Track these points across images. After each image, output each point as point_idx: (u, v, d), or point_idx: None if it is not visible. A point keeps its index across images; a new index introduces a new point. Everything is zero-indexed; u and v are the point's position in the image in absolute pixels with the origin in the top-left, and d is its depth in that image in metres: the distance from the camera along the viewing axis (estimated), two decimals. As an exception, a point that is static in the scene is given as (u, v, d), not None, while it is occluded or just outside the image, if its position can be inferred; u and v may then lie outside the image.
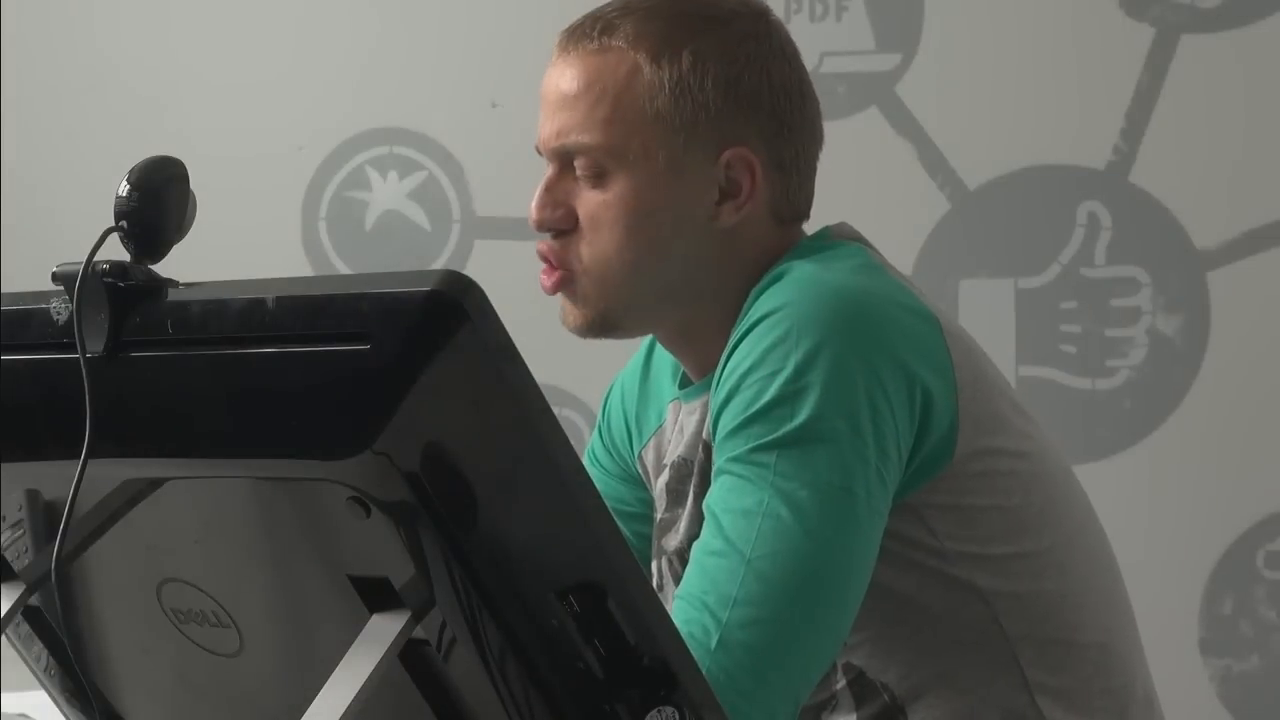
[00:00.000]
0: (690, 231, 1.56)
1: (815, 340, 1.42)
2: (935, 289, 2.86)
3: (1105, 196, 2.82)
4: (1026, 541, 1.52)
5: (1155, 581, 2.78)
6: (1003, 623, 1.50)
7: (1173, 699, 2.79)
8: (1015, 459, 1.52)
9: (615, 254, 1.55)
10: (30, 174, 3.22)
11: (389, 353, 0.92)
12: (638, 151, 1.54)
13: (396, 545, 0.97)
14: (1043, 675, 1.51)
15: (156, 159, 1.05)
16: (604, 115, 1.54)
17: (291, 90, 3.14)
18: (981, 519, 1.50)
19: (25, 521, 1.14)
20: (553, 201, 1.57)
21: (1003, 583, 1.50)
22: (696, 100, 1.55)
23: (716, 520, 1.40)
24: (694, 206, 1.56)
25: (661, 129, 1.54)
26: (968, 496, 1.49)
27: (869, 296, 1.49)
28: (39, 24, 3.24)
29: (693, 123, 1.55)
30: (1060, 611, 1.53)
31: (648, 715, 1.01)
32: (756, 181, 1.57)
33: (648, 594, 1.01)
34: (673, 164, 1.55)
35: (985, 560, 1.50)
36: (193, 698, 1.18)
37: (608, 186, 1.55)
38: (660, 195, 1.55)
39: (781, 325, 1.44)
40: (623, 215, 1.54)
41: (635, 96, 1.55)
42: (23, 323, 1.05)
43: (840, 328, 1.44)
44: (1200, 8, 2.78)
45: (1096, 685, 1.54)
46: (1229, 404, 2.77)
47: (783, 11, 2.91)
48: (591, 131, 1.54)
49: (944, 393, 1.47)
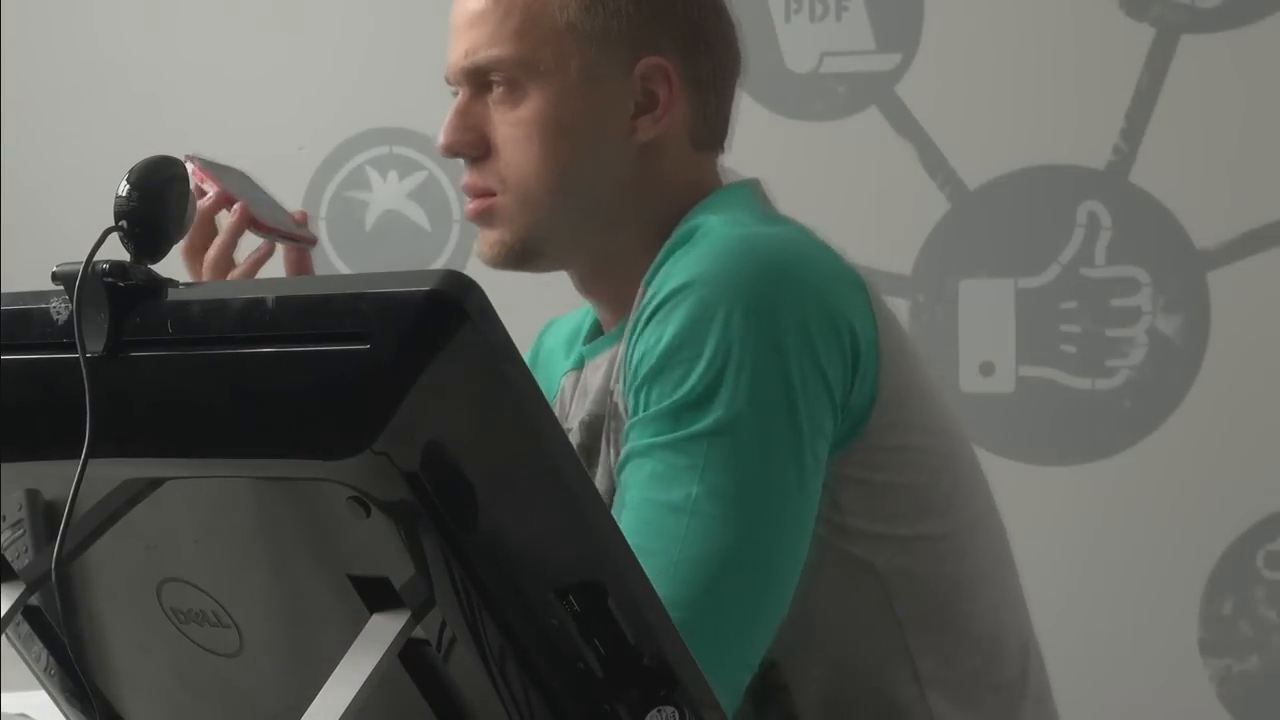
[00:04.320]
0: (607, 148, 1.53)
1: (739, 312, 1.38)
2: (935, 289, 2.86)
3: (1105, 196, 2.82)
4: (931, 523, 1.48)
5: (1155, 581, 2.79)
6: (896, 607, 1.46)
7: (1173, 699, 2.80)
8: (929, 436, 1.49)
9: (535, 173, 1.52)
10: (30, 174, 3.22)
11: (389, 353, 0.92)
12: (550, 63, 1.51)
13: (396, 545, 0.97)
14: (932, 665, 1.47)
15: (156, 159, 1.05)
16: (514, 27, 1.52)
17: (292, 90, 3.14)
18: (889, 496, 1.46)
19: (25, 521, 1.14)
20: (463, 125, 1.54)
21: (901, 564, 1.46)
22: (609, 8, 1.52)
23: (640, 512, 1.36)
24: (611, 120, 1.53)
25: (574, 39, 1.52)
26: (879, 472, 1.45)
27: (789, 249, 1.46)
28: (39, 24, 3.24)
29: (605, 32, 1.52)
30: (955, 600, 1.49)
31: (648, 715, 1.00)
32: (674, 94, 1.54)
33: (648, 594, 1.01)
34: (587, 75, 1.52)
35: (887, 540, 1.46)
36: (193, 698, 1.18)
37: (521, 103, 1.52)
38: (576, 108, 1.52)
39: (702, 298, 1.39)
40: (538, 131, 1.51)
41: (546, 6, 1.52)
42: (23, 323, 1.05)
43: (762, 292, 1.39)
44: (1200, 8, 2.78)
45: (986, 679, 1.51)
46: (1229, 404, 2.77)
47: (783, 11, 2.91)
48: (502, 44, 1.52)
49: (870, 351, 1.43)
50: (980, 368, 2.86)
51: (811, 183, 2.91)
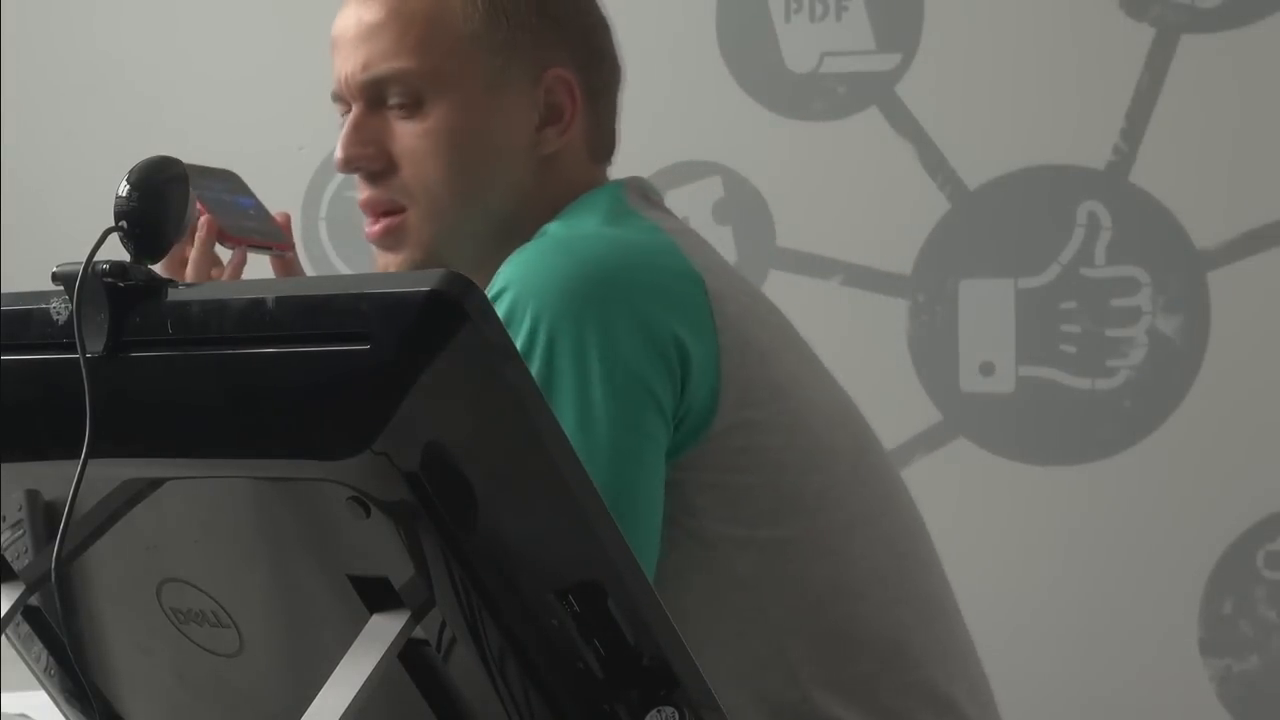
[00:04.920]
0: (512, 159, 1.51)
1: (545, 319, 1.35)
2: (935, 289, 2.86)
3: (1105, 196, 2.82)
4: (798, 524, 1.44)
5: (1155, 581, 2.78)
6: (769, 613, 1.43)
7: (1173, 699, 2.80)
8: (789, 434, 1.44)
9: (442, 184, 1.49)
10: (30, 174, 3.22)
11: (389, 353, 0.92)
12: (455, 74, 1.49)
13: (396, 545, 0.97)
14: (817, 669, 1.43)
15: (156, 159, 1.05)
16: (416, 38, 1.49)
17: (292, 90, 3.13)
18: (746, 498, 1.42)
19: (25, 521, 1.14)
20: (362, 139, 1.51)
21: (768, 567, 1.42)
22: (513, 20, 1.50)
23: None
24: (516, 131, 1.51)
25: (478, 49, 1.50)
26: (733, 474, 1.42)
27: (611, 252, 1.42)
28: (39, 24, 3.24)
29: (509, 42, 1.50)
30: (836, 603, 1.45)
31: (648, 715, 1.00)
32: (577, 105, 1.52)
33: (648, 594, 1.01)
34: (492, 86, 1.50)
35: (750, 543, 1.42)
36: (193, 698, 1.18)
37: (425, 115, 1.49)
38: (482, 119, 1.50)
39: (511, 302, 1.37)
40: (445, 142, 1.49)
41: (448, 17, 1.50)
42: (23, 323, 1.05)
43: (570, 299, 1.36)
44: (1200, 8, 2.78)
45: (884, 682, 1.46)
46: (1229, 404, 2.77)
47: (782, 11, 2.91)
48: (404, 57, 1.49)
49: (704, 350, 1.40)
50: (980, 368, 2.86)
51: (811, 183, 2.91)
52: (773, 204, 2.93)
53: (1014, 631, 2.76)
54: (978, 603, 1.85)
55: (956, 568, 1.71)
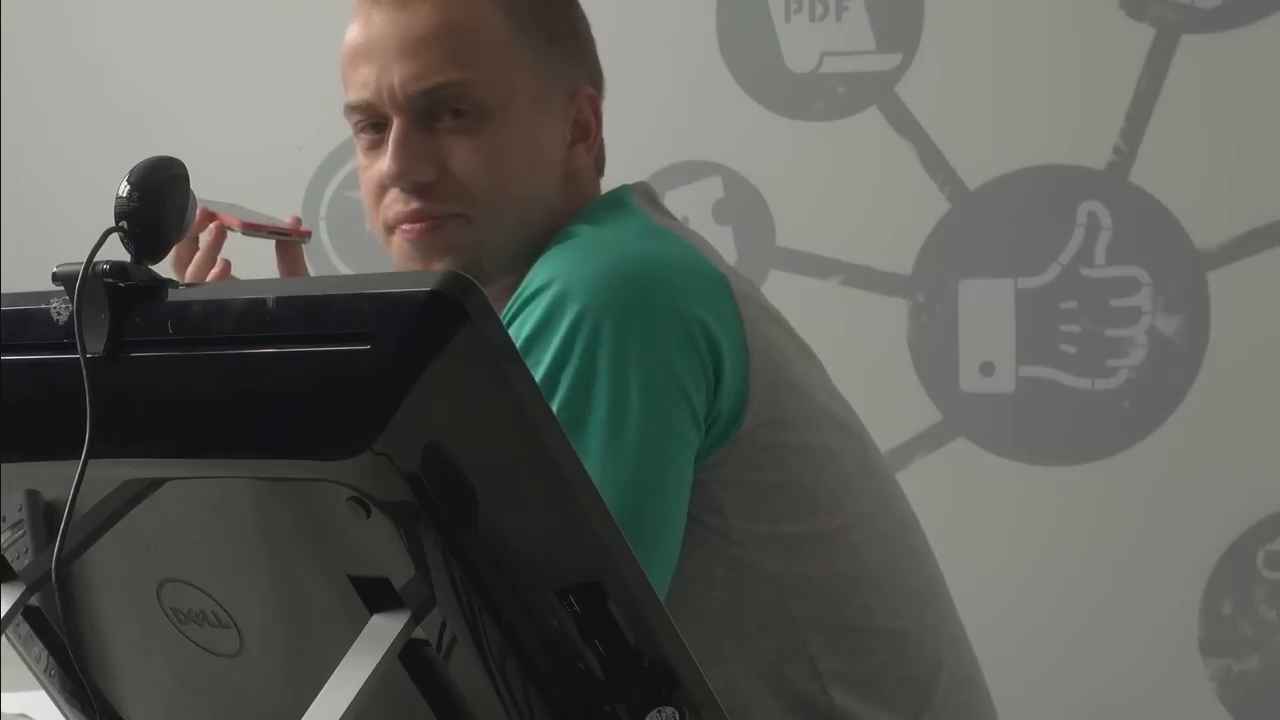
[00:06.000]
0: (550, 174, 1.54)
1: (589, 317, 1.37)
2: (935, 289, 2.86)
3: (1105, 196, 2.82)
4: (817, 521, 1.47)
5: (1155, 581, 2.79)
6: (790, 605, 1.46)
7: (1173, 699, 2.80)
8: (808, 433, 1.47)
9: (498, 197, 1.50)
10: (30, 174, 3.22)
11: (389, 353, 0.92)
12: (508, 89, 1.50)
13: (396, 545, 0.97)
14: (834, 662, 1.46)
15: (157, 159, 1.05)
16: (472, 52, 1.50)
17: (292, 90, 3.13)
18: (771, 496, 1.45)
19: (25, 521, 1.14)
20: (416, 153, 1.51)
21: (791, 563, 1.46)
22: (554, 38, 1.53)
23: None
24: (554, 147, 1.54)
25: (525, 66, 1.52)
26: (758, 471, 1.44)
27: (652, 257, 1.45)
28: (39, 24, 3.24)
29: (550, 60, 1.53)
30: (852, 596, 1.48)
31: (648, 715, 1.01)
32: (600, 124, 1.56)
33: (648, 594, 1.01)
34: (538, 102, 1.52)
35: (774, 540, 1.45)
36: (193, 698, 1.18)
37: (480, 129, 1.50)
38: (532, 135, 1.52)
39: (554, 299, 1.38)
40: (500, 157, 1.50)
41: (499, 33, 1.51)
42: (23, 323, 1.05)
43: (610, 298, 1.38)
44: (1200, 8, 2.78)
45: (893, 673, 1.49)
46: (1229, 404, 2.77)
47: (783, 11, 2.91)
48: (463, 68, 1.50)
49: (734, 351, 1.42)
50: (980, 368, 2.86)
51: (811, 183, 2.91)
52: (773, 204, 2.93)
53: (1014, 631, 2.76)
54: (977, 602, 1.85)
55: (956, 568, 1.71)
